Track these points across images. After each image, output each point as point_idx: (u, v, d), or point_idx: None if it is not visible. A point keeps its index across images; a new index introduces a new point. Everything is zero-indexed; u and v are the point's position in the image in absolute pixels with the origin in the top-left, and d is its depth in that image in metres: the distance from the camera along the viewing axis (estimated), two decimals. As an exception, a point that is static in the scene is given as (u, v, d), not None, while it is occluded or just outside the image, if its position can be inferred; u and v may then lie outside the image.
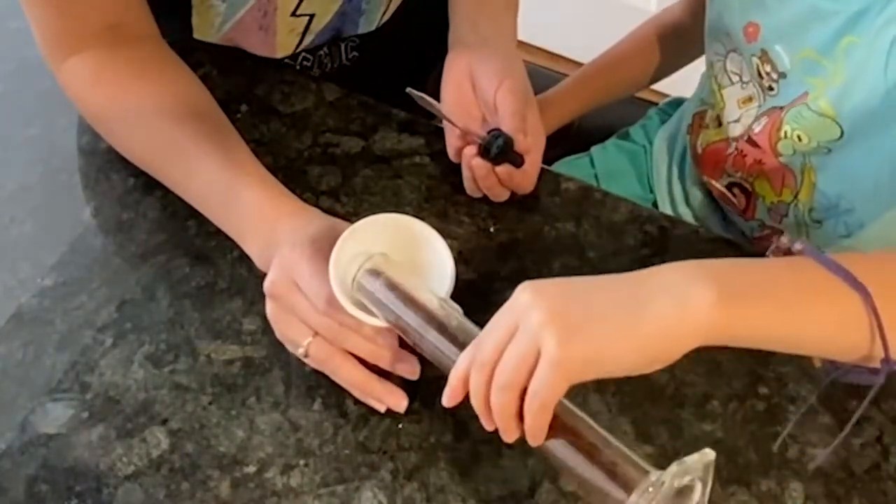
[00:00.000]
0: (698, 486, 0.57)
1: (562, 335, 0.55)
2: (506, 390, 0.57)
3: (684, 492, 0.57)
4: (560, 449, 0.59)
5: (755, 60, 0.85)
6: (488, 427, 0.60)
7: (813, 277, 0.60)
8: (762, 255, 0.84)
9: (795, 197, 0.88)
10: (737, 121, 0.91)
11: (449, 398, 0.61)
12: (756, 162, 0.89)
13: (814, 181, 0.85)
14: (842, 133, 0.79)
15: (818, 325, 0.60)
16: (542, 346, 0.56)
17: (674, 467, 0.55)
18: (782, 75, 0.83)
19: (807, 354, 0.62)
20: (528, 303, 0.57)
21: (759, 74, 0.85)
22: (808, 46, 0.79)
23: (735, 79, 0.90)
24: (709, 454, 0.56)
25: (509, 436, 0.59)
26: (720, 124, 0.94)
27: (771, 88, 0.85)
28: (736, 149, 0.91)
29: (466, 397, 0.60)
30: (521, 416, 0.58)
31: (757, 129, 0.87)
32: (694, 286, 0.56)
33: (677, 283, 0.57)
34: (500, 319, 0.59)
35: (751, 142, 0.88)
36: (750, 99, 0.89)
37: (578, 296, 0.58)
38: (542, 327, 0.56)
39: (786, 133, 0.83)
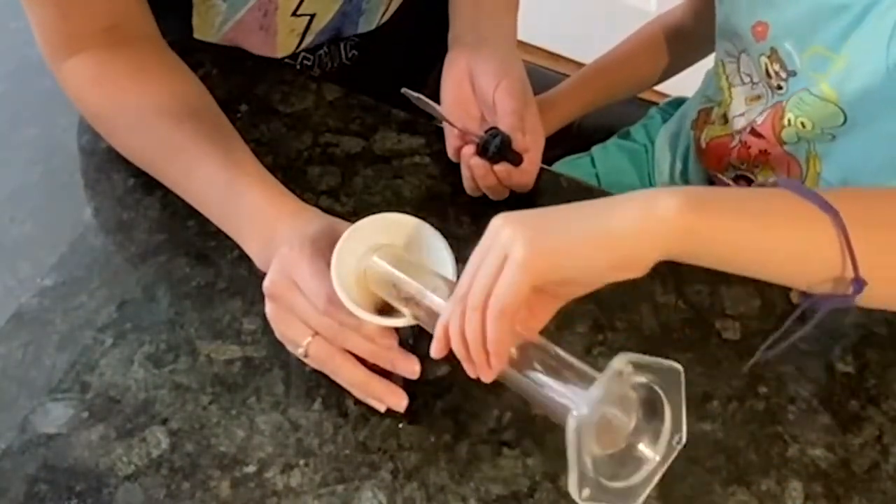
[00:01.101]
0: (666, 405, 0.56)
1: (529, 238, 0.56)
2: (477, 310, 0.58)
3: (656, 409, 0.56)
4: (523, 375, 0.59)
5: (763, 60, 0.85)
6: (470, 371, 0.60)
7: (785, 200, 0.60)
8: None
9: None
10: (742, 115, 0.91)
11: (435, 349, 0.61)
12: (761, 152, 0.89)
13: (819, 171, 0.85)
14: (845, 119, 0.79)
15: (788, 242, 0.59)
16: (509, 253, 0.57)
17: (620, 358, 0.54)
18: (791, 73, 0.83)
19: (777, 280, 0.61)
20: (499, 225, 0.59)
21: (768, 74, 0.85)
22: (818, 43, 0.79)
23: (746, 79, 0.90)
24: (674, 364, 0.55)
25: (484, 370, 0.59)
26: (726, 121, 0.94)
27: (780, 87, 0.85)
28: (740, 141, 0.92)
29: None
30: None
31: (759, 119, 0.87)
32: (662, 194, 0.57)
33: (647, 194, 0.58)
34: (476, 252, 0.60)
35: (754, 133, 0.88)
36: (758, 97, 0.89)
37: (549, 212, 0.60)
38: (511, 238, 0.57)
39: (789, 120, 0.83)
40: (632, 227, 0.57)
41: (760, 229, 0.59)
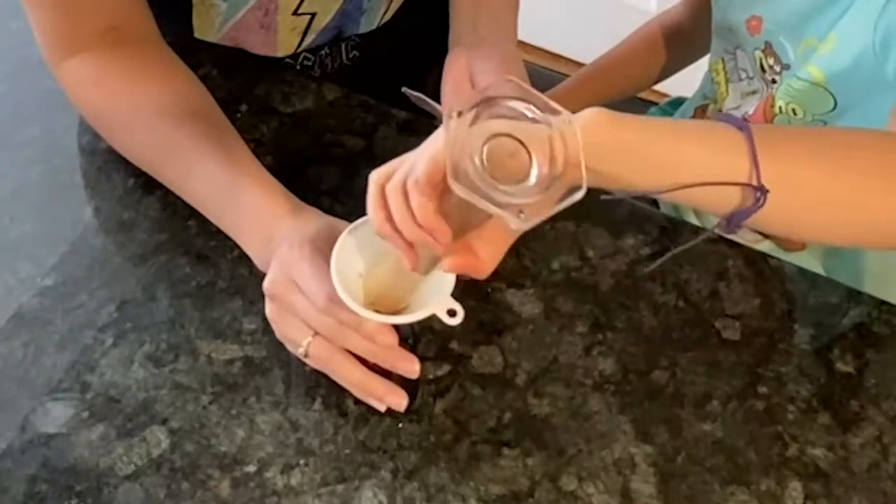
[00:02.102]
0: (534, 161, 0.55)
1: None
2: (397, 190, 0.59)
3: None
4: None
5: (758, 54, 0.85)
6: (410, 261, 0.60)
7: (701, 122, 0.62)
8: (759, 253, 0.84)
9: None
10: (736, 108, 0.92)
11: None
12: None
13: None
14: (835, 104, 0.78)
15: (699, 154, 0.60)
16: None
17: None
18: (786, 67, 0.83)
19: (688, 200, 0.62)
20: None
21: (762, 68, 0.85)
22: (810, 35, 0.79)
23: (743, 75, 0.90)
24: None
25: (431, 244, 0.59)
26: None
27: (774, 81, 0.85)
28: None
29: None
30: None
31: (751, 111, 0.87)
32: (585, 111, 0.58)
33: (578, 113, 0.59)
34: None
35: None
36: (754, 92, 0.89)
37: None
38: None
39: (780, 108, 0.83)
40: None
41: (672, 141, 0.60)
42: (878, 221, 0.63)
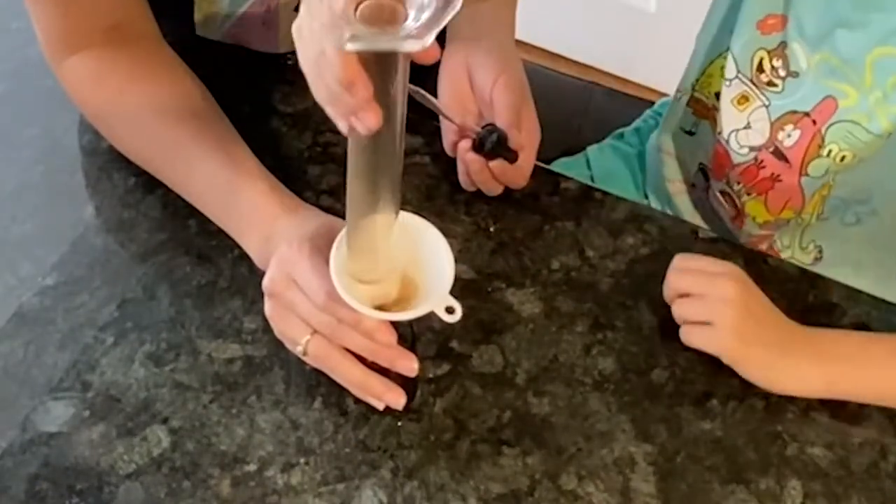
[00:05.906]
0: None
1: None
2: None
3: None
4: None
5: (761, 54, 0.81)
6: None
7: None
8: (758, 253, 0.84)
9: (798, 214, 0.85)
10: (747, 127, 0.85)
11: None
12: (771, 177, 0.84)
13: (826, 194, 0.82)
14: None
15: None
16: None
17: None
18: (793, 74, 0.80)
19: None
20: None
21: (760, 69, 0.82)
22: (827, 49, 0.77)
23: (726, 82, 0.86)
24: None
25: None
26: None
27: (772, 84, 0.83)
28: (755, 159, 0.85)
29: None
30: None
31: (788, 142, 0.82)
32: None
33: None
34: None
35: (777, 153, 0.83)
36: (745, 98, 0.85)
37: None
38: None
39: (830, 151, 0.79)
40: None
41: (882, 369, 0.73)
42: None
